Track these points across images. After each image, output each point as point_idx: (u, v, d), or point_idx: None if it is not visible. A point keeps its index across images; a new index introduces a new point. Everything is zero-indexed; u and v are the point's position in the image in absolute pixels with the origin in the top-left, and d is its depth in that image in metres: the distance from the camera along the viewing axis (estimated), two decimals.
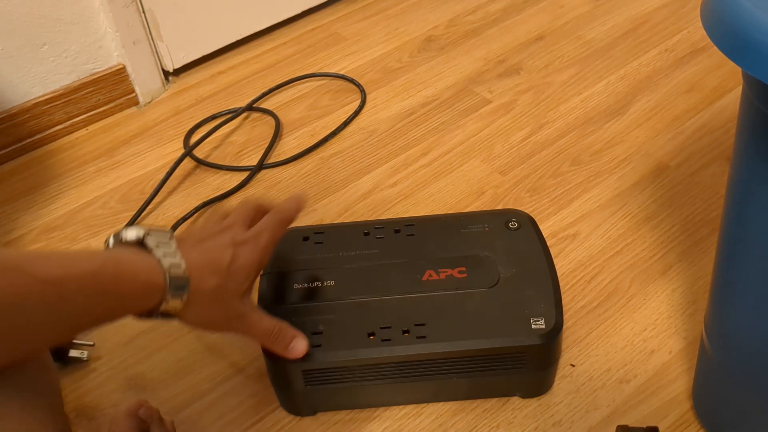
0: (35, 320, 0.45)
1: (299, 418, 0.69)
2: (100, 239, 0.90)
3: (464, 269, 0.68)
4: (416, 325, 0.64)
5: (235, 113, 1.07)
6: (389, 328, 0.64)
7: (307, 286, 0.68)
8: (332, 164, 0.98)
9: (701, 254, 0.81)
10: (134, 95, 1.11)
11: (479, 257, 0.69)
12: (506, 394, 0.69)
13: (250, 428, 0.69)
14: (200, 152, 1.01)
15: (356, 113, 1.05)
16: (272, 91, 1.11)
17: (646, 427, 0.62)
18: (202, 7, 1.13)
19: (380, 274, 0.68)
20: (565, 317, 0.66)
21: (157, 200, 0.94)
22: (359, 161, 0.98)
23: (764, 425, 0.57)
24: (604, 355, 0.72)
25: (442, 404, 0.69)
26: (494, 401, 0.69)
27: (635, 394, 0.69)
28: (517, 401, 0.69)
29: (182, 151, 1.02)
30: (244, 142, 1.03)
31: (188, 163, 1.00)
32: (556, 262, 0.73)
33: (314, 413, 0.69)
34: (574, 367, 0.71)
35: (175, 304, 0.53)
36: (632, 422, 0.66)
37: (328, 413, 0.69)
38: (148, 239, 0.53)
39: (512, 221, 0.73)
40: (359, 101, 1.07)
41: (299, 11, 1.25)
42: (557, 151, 0.96)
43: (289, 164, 0.98)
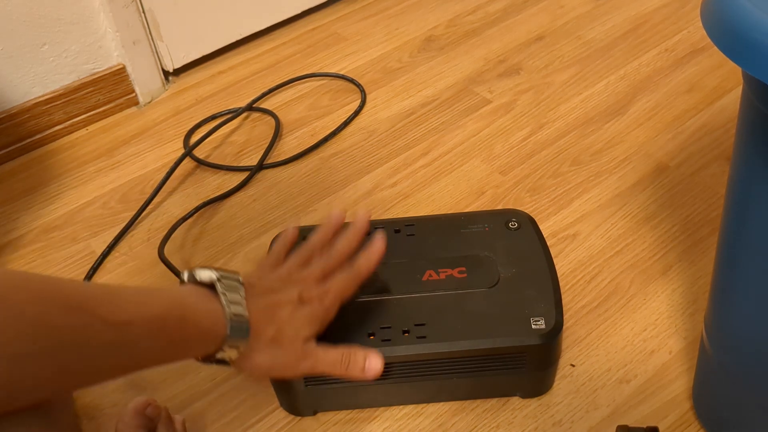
0: (96, 361, 0.46)
1: (299, 418, 0.69)
2: (100, 239, 0.90)
3: (464, 269, 0.68)
4: (416, 325, 0.64)
5: (235, 113, 1.07)
6: (389, 328, 0.64)
7: None
8: (332, 164, 0.98)
9: (701, 254, 0.81)
10: (134, 95, 1.11)
11: (479, 257, 0.69)
12: (506, 394, 0.69)
13: (250, 428, 0.69)
14: (200, 152, 1.01)
15: (356, 113, 1.05)
16: (272, 91, 1.11)
17: (646, 427, 0.62)
18: (202, 7, 1.13)
19: (380, 274, 0.68)
20: (565, 317, 0.66)
21: (157, 200, 0.94)
22: (359, 161, 0.98)
23: (764, 425, 0.57)
24: (604, 355, 0.72)
25: (442, 404, 0.69)
26: (494, 401, 0.69)
27: (635, 394, 0.69)
28: (517, 401, 0.69)
29: (182, 151, 1.02)
30: (244, 142, 1.03)
31: (188, 163, 1.00)
32: (556, 262, 0.73)
33: (314, 413, 0.69)
34: (574, 367, 0.71)
35: (231, 353, 0.54)
36: (632, 422, 0.66)
37: (328, 413, 0.69)
38: (218, 284, 0.54)
39: (512, 221, 0.73)
40: (359, 101, 1.07)
41: (299, 11, 1.25)
42: (557, 151, 0.96)
43: (289, 164, 0.98)
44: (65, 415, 0.50)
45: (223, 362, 0.55)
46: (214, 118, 1.08)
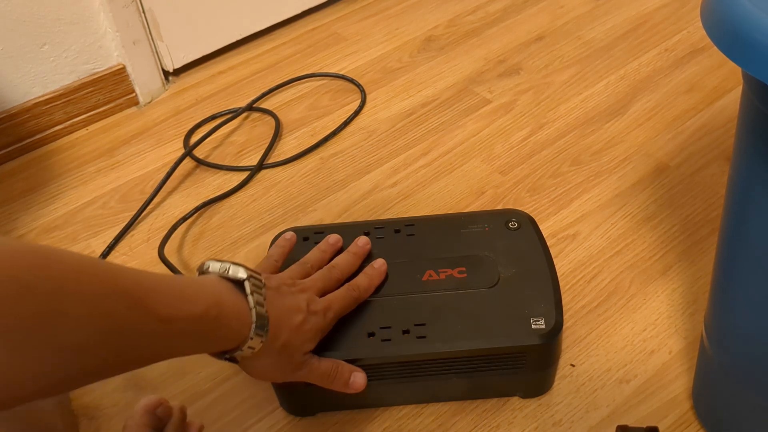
0: (140, 351, 0.47)
1: (299, 418, 0.69)
2: (100, 239, 0.90)
3: (464, 269, 0.68)
4: (416, 325, 0.64)
5: (235, 113, 1.07)
6: (389, 328, 0.64)
7: None
8: (332, 164, 0.98)
9: (701, 254, 0.81)
10: (134, 95, 1.11)
11: (479, 257, 0.69)
12: (506, 394, 0.69)
13: (250, 428, 0.69)
14: (200, 152, 1.01)
15: (356, 113, 1.05)
16: (272, 91, 1.11)
17: (646, 427, 0.62)
18: (202, 7, 1.13)
19: None
20: (565, 317, 0.66)
21: (157, 200, 0.94)
22: (359, 161, 0.98)
23: (764, 425, 0.57)
24: (604, 355, 0.72)
25: (442, 404, 0.69)
26: (494, 401, 0.69)
27: (635, 394, 0.69)
28: (517, 401, 0.69)
29: (182, 151, 1.02)
30: (244, 142, 1.03)
31: (188, 163, 1.00)
32: (556, 262, 0.73)
33: (314, 413, 0.69)
34: (574, 367, 0.71)
35: (246, 353, 0.55)
36: (632, 422, 0.66)
37: (328, 413, 0.69)
38: (247, 283, 0.55)
39: (512, 221, 0.73)
40: (359, 101, 1.07)
41: (299, 11, 1.25)
42: (557, 151, 0.96)
43: (289, 164, 0.98)
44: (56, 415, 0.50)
45: (233, 360, 0.56)
46: (214, 118, 1.08)
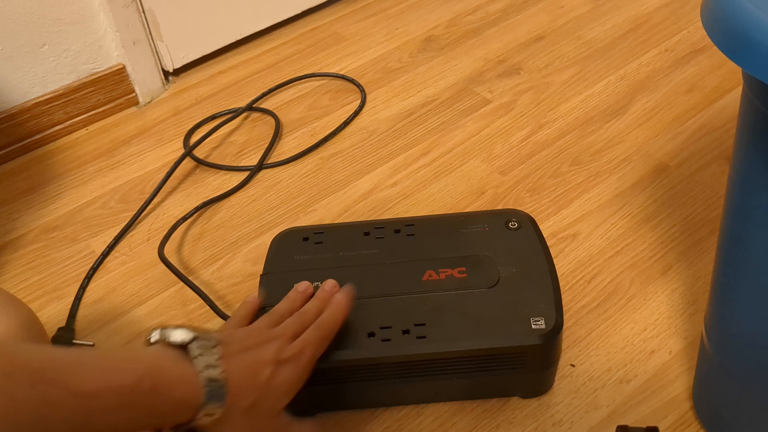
0: None
1: (299, 418, 0.69)
2: (100, 239, 0.90)
3: (464, 269, 0.68)
4: (416, 325, 0.64)
5: (235, 113, 1.07)
6: (389, 328, 0.64)
7: None
8: (332, 164, 0.98)
9: (701, 254, 0.81)
10: (134, 95, 1.11)
11: (479, 257, 0.69)
12: (506, 394, 0.69)
13: None
14: (200, 152, 1.01)
15: (356, 113, 1.05)
16: (272, 91, 1.11)
17: (646, 427, 0.62)
18: (202, 7, 1.13)
19: (380, 274, 0.68)
20: (565, 317, 0.66)
21: (157, 200, 0.94)
22: (359, 161, 0.98)
23: (764, 425, 0.57)
24: (604, 355, 0.72)
25: (442, 404, 0.69)
26: (494, 401, 0.69)
27: (635, 394, 0.69)
28: (517, 401, 0.69)
29: (182, 151, 1.02)
30: (244, 142, 1.03)
31: (188, 163, 1.00)
32: (556, 262, 0.72)
33: (314, 413, 0.69)
34: (574, 367, 0.71)
35: (205, 421, 0.51)
36: (632, 422, 0.66)
37: (327, 413, 0.69)
38: (191, 346, 0.51)
39: (512, 221, 0.73)
40: (359, 101, 1.07)
41: (299, 11, 1.25)
42: (557, 151, 0.96)
43: (289, 164, 0.98)
44: None
45: (195, 431, 0.52)
46: (214, 118, 1.08)
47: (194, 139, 1.04)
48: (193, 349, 0.51)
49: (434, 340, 0.63)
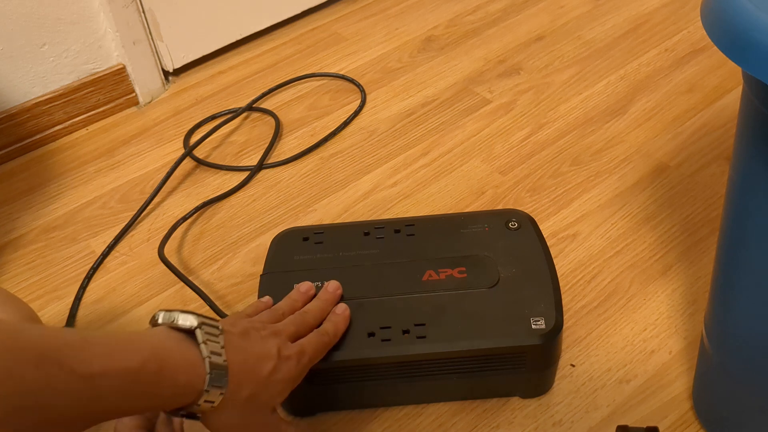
0: (65, 415, 0.43)
1: (299, 418, 0.69)
2: (100, 239, 0.90)
3: (464, 269, 0.68)
4: (416, 325, 0.64)
5: (235, 113, 1.07)
6: (389, 328, 0.64)
7: None
8: (332, 164, 0.98)
9: (701, 254, 0.81)
10: (134, 95, 1.11)
11: (479, 257, 0.69)
12: (506, 394, 0.69)
13: None
14: (200, 152, 1.01)
15: (356, 113, 1.05)
16: (272, 91, 1.11)
17: (646, 427, 0.62)
18: (202, 7, 1.13)
19: (380, 274, 0.68)
20: (565, 317, 0.66)
21: (157, 200, 0.94)
22: (359, 161, 0.98)
23: (764, 425, 0.57)
24: (604, 355, 0.72)
25: (442, 404, 0.69)
26: (494, 401, 0.69)
27: (635, 394, 0.69)
28: (517, 401, 0.69)
29: (182, 151, 1.02)
30: (244, 142, 1.03)
31: (188, 163, 1.00)
32: (556, 262, 0.72)
33: (314, 413, 0.69)
34: (574, 367, 0.71)
35: (205, 407, 0.51)
36: (632, 422, 0.66)
37: (328, 413, 0.69)
38: (198, 332, 0.50)
39: (512, 221, 0.73)
40: (359, 101, 1.07)
41: (299, 11, 1.25)
42: (557, 151, 0.96)
43: (289, 164, 0.98)
44: None
45: (192, 416, 0.52)
46: (214, 118, 1.08)
47: (194, 139, 1.04)
48: (199, 334, 0.51)
49: (434, 340, 0.63)
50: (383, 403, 0.69)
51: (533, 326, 0.63)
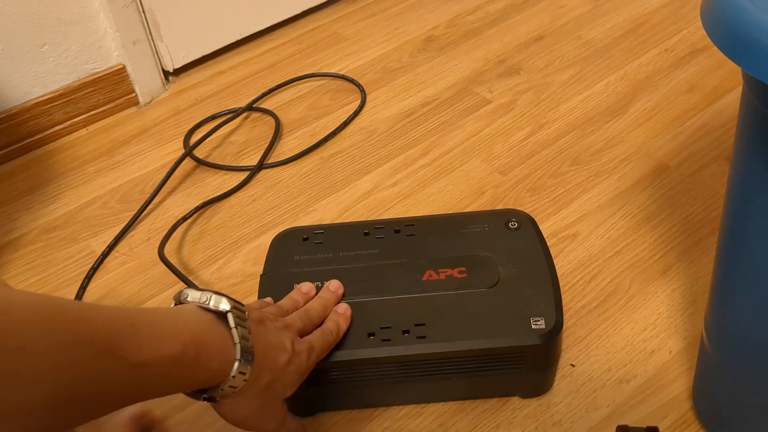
0: (112, 399, 0.45)
1: (299, 418, 0.69)
2: (100, 239, 0.90)
3: (464, 269, 0.68)
4: (416, 325, 0.64)
5: (235, 113, 1.07)
6: (389, 328, 0.64)
7: None
8: (332, 164, 0.98)
9: (701, 254, 0.81)
10: (134, 95, 1.11)
11: (479, 257, 0.69)
12: (506, 394, 0.69)
13: None
14: (200, 152, 1.01)
15: (356, 113, 1.05)
16: (272, 91, 1.11)
17: (646, 427, 0.62)
18: (202, 7, 1.13)
19: (380, 274, 0.68)
20: (565, 317, 0.66)
21: (157, 200, 0.94)
22: (359, 161, 0.98)
23: (764, 425, 0.57)
24: (604, 355, 0.72)
25: (442, 404, 0.69)
26: (494, 401, 0.69)
27: (635, 394, 0.69)
28: (517, 401, 0.69)
29: (182, 151, 1.02)
30: (244, 142, 1.03)
31: (188, 163, 1.00)
32: (556, 262, 0.73)
33: (314, 413, 0.69)
34: (574, 367, 0.71)
35: (227, 392, 0.52)
36: (632, 422, 0.66)
37: (327, 413, 0.69)
38: (230, 315, 0.51)
39: (512, 221, 0.73)
40: (359, 101, 1.07)
41: (299, 11, 1.25)
42: (557, 151, 0.96)
43: (289, 164, 0.98)
44: None
45: (212, 400, 0.53)
46: (214, 118, 1.08)
47: (194, 139, 1.04)
48: (231, 318, 0.51)
49: (434, 340, 0.63)
50: (383, 403, 0.69)
51: (533, 326, 0.63)
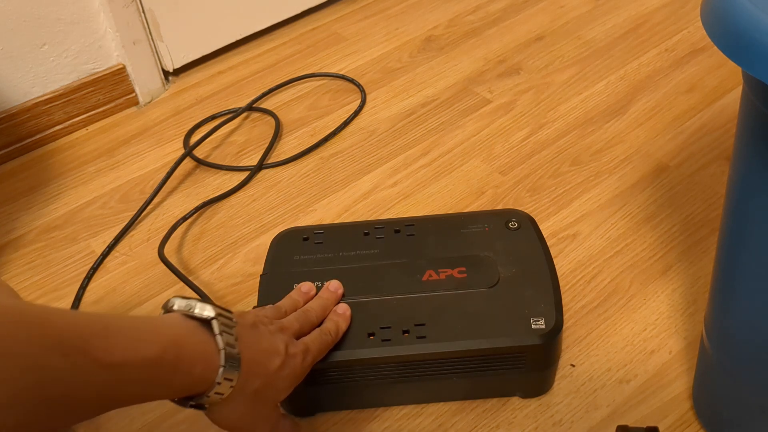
0: (85, 402, 0.44)
1: (299, 418, 0.69)
2: (100, 239, 0.90)
3: (464, 269, 0.68)
4: (416, 325, 0.64)
5: (235, 113, 1.07)
6: (389, 328, 0.64)
7: None
8: (332, 164, 0.98)
9: (701, 254, 0.81)
10: (134, 95, 1.11)
11: (479, 257, 0.69)
12: (506, 394, 0.69)
13: None
14: (200, 152, 1.01)
15: (356, 113, 1.05)
16: (272, 91, 1.11)
17: (646, 427, 0.62)
18: (202, 7, 1.13)
19: (380, 274, 0.68)
20: (565, 317, 0.66)
21: (157, 200, 0.94)
22: (359, 161, 0.98)
23: (764, 425, 0.57)
24: (604, 355, 0.72)
25: (442, 404, 0.69)
26: (494, 401, 0.69)
27: (635, 394, 0.69)
28: (517, 401, 0.69)
29: (182, 151, 1.02)
30: (244, 142, 1.03)
31: (188, 163, 1.00)
32: (556, 262, 0.72)
33: (314, 413, 0.69)
34: (574, 367, 0.71)
35: (214, 399, 0.51)
36: (632, 422, 0.66)
37: (328, 413, 0.69)
38: (215, 322, 0.51)
39: (512, 221, 0.73)
40: (359, 101, 1.07)
41: (299, 11, 1.25)
42: (557, 151, 0.96)
43: (289, 164, 0.98)
44: None
45: (200, 407, 0.52)
46: (214, 118, 1.08)
47: (194, 139, 1.04)
48: (215, 325, 0.50)
49: (434, 340, 0.63)
50: (383, 403, 0.69)
51: (533, 326, 0.63)
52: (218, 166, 0.99)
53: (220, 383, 0.50)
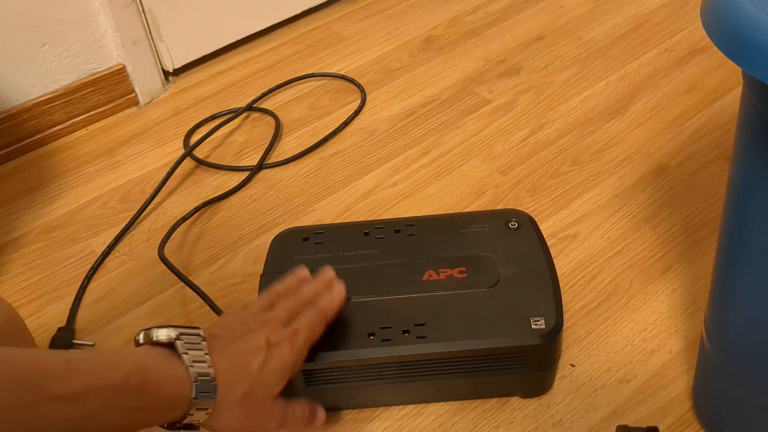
0: None
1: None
2: (100, 239, 0.90)
3: (464, 269, 0.68)
4: (416, 325, 0.64)
5: (235, 113, 1.07)
6: (389, 328, 0.64)
7: None
8: (332, 164, 0.98)
9: (701, 254, 0.81)
10: (134, 95, 1.11)
11: (479, 257, 0.69)
12: (506, 394, 0.69)
13: None
14: (200, 152, 1.01)
15: (356, 113, 1.05)
16: (272, 91, 1.11)
17: (646, 427, 0.62)
18: (202, 7, 1.13)
19: (380, 274, 0.68)
20: (565, 317, 0.66)
21: (157, 200, 0.94)
22: (359, 161, 0.98)
23: (764, 425, 0.57)
24: (604, 355, 0.72)
25: (442, 404, 0.69)
26: (494, 401, 0.69)
27: (635, 394, 0.69)
28: (517, 401, 0.69)
29: (182, 151, 1.02)
30: (244, 142, 1.03)
31: (188, 163, 1.00)
32: (556, 262, 0.72)
33: None
34: (574, 367, 0.71)
35: (199, 416, 0.51)
36: (632, 422, 0.66)
37: (328, 413, 0.69)
38: (178, 343, 0.51)
39: (512, 221, 0.73)
40: (359, 101, 1.07)
41: (299, 11, 1.25)
42: (557, 151, 0.96)
43: (289, 164, 0.98)
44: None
45: (191, 427, 0.52)
46: (214, 118, 1.08)
47: (194, 139, 1.04)
48: (179, 345, 0.51)
49: (434, 340, 0.63)
50: (383, 403, 0.69)
51: (533, 326, 0.63)
52: (218, 166, 0.99)
53: (197, 399, 0.50)
